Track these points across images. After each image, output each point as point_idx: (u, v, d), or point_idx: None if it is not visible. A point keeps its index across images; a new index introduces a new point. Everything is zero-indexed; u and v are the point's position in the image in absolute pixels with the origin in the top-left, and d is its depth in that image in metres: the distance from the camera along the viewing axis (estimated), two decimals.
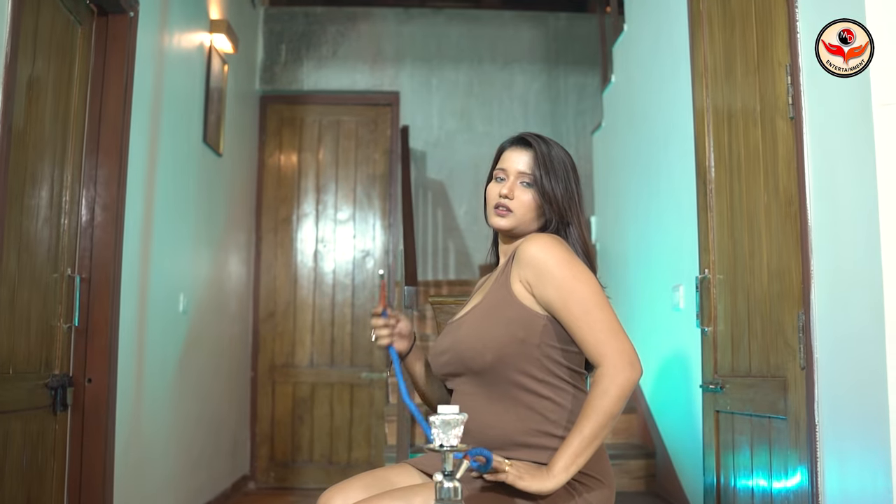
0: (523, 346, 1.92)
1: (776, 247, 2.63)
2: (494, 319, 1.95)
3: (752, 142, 2.81)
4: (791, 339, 2.50)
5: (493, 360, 1.92)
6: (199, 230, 4.72)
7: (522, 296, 1.95)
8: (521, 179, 2.05)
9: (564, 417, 1.95)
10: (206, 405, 4.85)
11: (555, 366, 1.95)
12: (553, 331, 1.94)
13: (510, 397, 1.95)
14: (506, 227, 2.06)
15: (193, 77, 4.56)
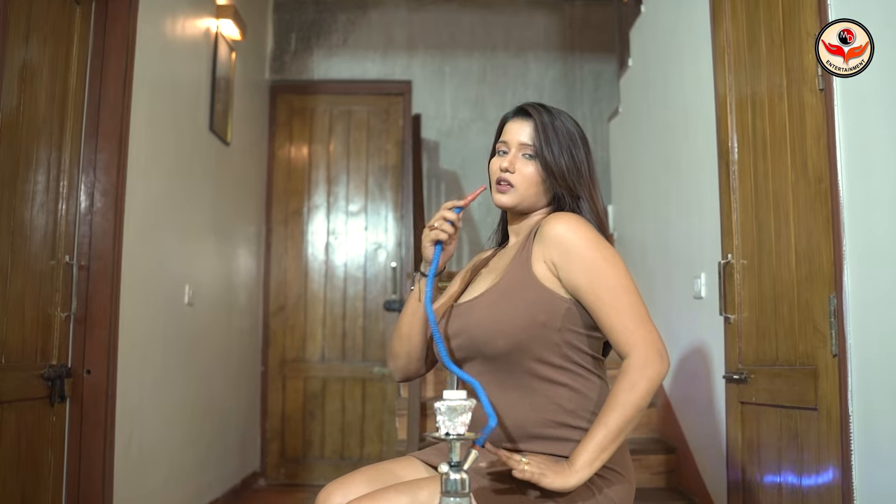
0: (543, 330, 1.79)
1: (805, 227, 2.48)
2: (513, 301, 1.81)
3: (778, 118, 2.67)
4: (822, 325, 2.36)
5: (510, 346, 1.79)
6: (207, 220, 4.61)
7: (545, 277, 1.82)
8: (523, 151, 1.93)
9: (583, 407, 1.82)
10: (213, 399, 4.75)
11: (574, 352, 1.83)
12: (576, 315, 1.82)
13: (525, 385, 1.82)
14: (508, 204, 1.94)
15: (199, 63, 4.45)
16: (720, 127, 3.09)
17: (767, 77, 2.75)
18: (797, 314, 2.53)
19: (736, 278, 2.95)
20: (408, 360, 2.03)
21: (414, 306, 1.98)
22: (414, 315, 1.98)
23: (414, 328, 1.99)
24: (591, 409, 1.83)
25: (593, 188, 1.95)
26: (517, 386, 1.82)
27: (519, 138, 1.93)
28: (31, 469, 2.88)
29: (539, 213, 1.98)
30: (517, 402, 1.82)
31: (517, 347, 1.79)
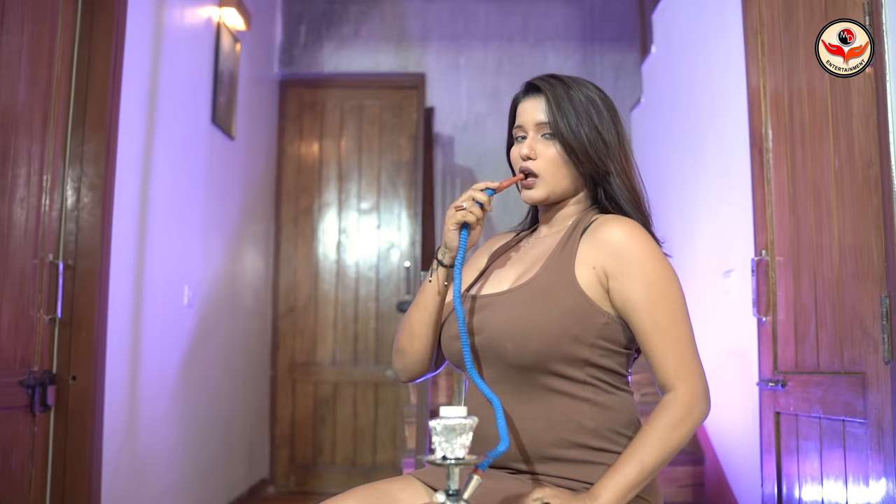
0: (573, 345, 1.56)
1: (850, 219, 2.23)
2: (546, 306, 1.58)
3: (819, 99, 2.42)
4: (872, 328, 2.11)
5: (534, 356, 1.56)
6: (209, 217, 4.40)
7: (588, 284, 1.59)
8: (542, 132, 1.70)
9: (606, 425, 1.59)
10: (217, 405, 4.54)
11: (601, 369, 1.60)
12: (613, 332, 1.59)
13: (541, 399, 1.60)
14: (539, 198, 1.71)
15: (200, 52, 4.25)
16: (752, 112, 2.84)
17: (806, 53, 2.50)
18: (842, 316, 2.28)
19: (771, 276, 2.71)
20: (416, 359, 1.78)
21: (429, 300, 1.73)
22: (426, 310, 1.73)
23: (427, 325, 1.74)
24: (615, 428, 1.60)
25: (626, 162, 1.71)
26: (533, 399, 1.60)
27: (535, 118, 1.70)
28: (10, 485, 2.68)
29: (575, 203, 1.74)
30: (532, 418, 1.60)
31: (541, 358, 1.57)
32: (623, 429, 1.61)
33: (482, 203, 1.64)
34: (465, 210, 1.64)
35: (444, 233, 1.68)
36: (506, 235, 1.92)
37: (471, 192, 1.66)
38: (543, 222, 1.80)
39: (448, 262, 1.69)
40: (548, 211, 1.77)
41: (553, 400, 1.58)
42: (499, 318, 1.61)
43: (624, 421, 1.61)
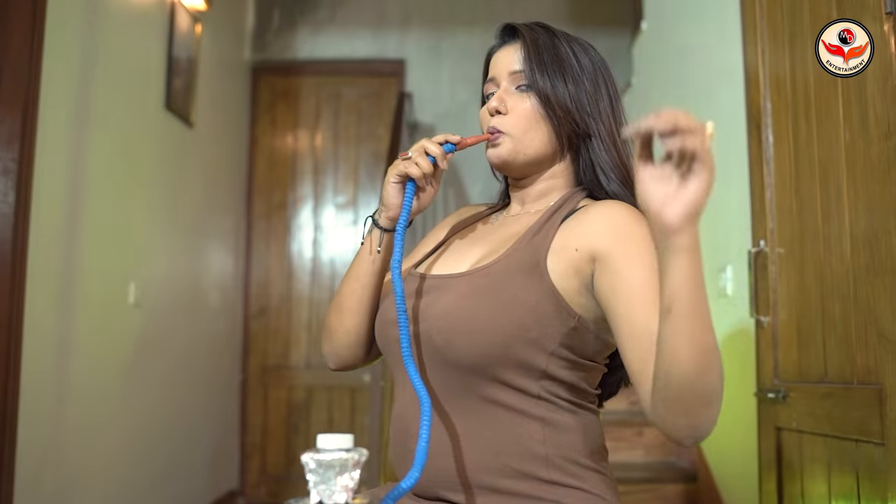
0: (529, 350, 1.22)
1: (865, 202, 1.88)
2: (503, 298, 1.23)
3: None
4: (891, 331, 1.75)
5: (477, 359, 1.22)
6: (162, 210, 4.05)
7: (563, 275, 1.24)
8: (517, 83, 1.37)
9: (562, 452, 1.25)
10: (172, 412, 4.19)
11: (560, 384, 1.26)
12: (580, 340, 1.25)
13: (484, 414, 1.25)
14: (505, 157, 1.36)
15: (149, 32, 3.90)
16: (749, 82, 2.49)
17: (810, 10, 2.14)
18: (854, 317, 1.92)
19: (770, 271, 2.35)
20: (345, 342, 1.43)
21: (360, 269, 1.39)
22: (358, 280, 1.39)
23: (359, 298, 1.40)
24: (572, 456, 1.26)
25: (613, 125, 1.36)
26: (473, 412, 1.25)
27: (509, 67, 1.38)
28: None
29: (551, 177, 1.40)
30: (471, 436, 1.25)
31: (487, 362, 1.22)
32: (583, 458, 1.27)
33: (435, 157, 1.31)
34: (410, 161, 1.31)
35: (383, 186, 1.35)
36: (476, 207, 1.57)
37: (423, 142, 1.33)
38: (516, 198, 1.45)
39: (384, 224, 1.36)
40: (518, 186, 1.43)
41: (498, 416, 1.24)
42: (443, 305, 1.26)
43: (584, 448, 1.27)
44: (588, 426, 1.29)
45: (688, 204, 0.95)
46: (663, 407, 1.06)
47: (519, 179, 1.42)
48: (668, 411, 1.06)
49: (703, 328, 1.00)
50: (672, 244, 0.97)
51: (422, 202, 1.35)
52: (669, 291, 1.00)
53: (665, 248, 0.99)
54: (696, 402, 1.04)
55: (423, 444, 1.10)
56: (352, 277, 1.40)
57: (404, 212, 1.31)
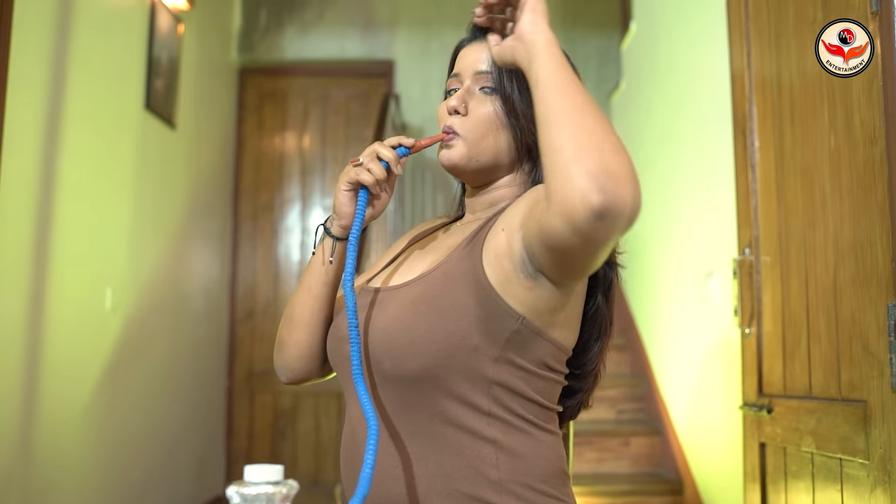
0: (473, 357, 1.14)
1: (849, 210, 1.80)
2: (440, 305, 1.15)
3: (810, 64, 1.99)
4: (876, 346, 1.68)
5: (420, 370, 1.14)
6: (142, 213, 3.97)
7: (498, 267, 1.15)
8: (481, 84, 1.28)
9: (514, 476, 1.16)
10: (154, 419, 4.11)
11: (512, 396, 1.17)
12: (527, 343, 1.16)
13: (437, 433, 1.16)
14: (457, 161, 1.27)
15: (127, 30, 3.82)
16: (735, 85, 2.41)
17: (795, 12, 2.07)
18: (839, 330, 1.85)
19: (755, 280, 2.27)
20: (296, 355, 1.34)
21: (312, 279, 1.31)
22: (309, 290, 1.31)
23: (310, 310, 1.31)
24: (529, 482, 1.17)
25: None
26: (425, 431, 1.17)
27: (476, 66, 1.29)
28: None
29: (508, 185, 1.32)
30: (420, 459, 1.17)
31: (428, 375, 1.14)
32: (539, 483, 1.18)
33: (388, 162, 1.23)
34: (361, 167, 1.23)
35: (335, 194, 1.27)
36: (438, 219, 1.49)
37: (374, 146, 1.25)
38: (468, 206, 1.37)
39: (337, 233, 1.28)
40: (471, 193, 1.35)
41: (448, 437, 1.16)
42: (383, 318, 1.19)
43: (541, 472, 1.19)
44: (545, 448, 1.21)
45: (528, 5, 1.10)
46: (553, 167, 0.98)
47: (473, 187, 1.34)
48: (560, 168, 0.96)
49: (574, 89, 1.03)
50: (535, 49, 1.07)
51: (376, 209, 1.28)
52: (535, 72, 1.05)
53: (531, 61, 1.07)
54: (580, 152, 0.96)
55: (368, 471, 1.03)
56: (303, 288, 1.32)
57: (357, 221, 1.23)
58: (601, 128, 0.98)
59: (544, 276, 1.12)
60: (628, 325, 4.10)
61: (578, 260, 1.02)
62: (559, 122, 0.99)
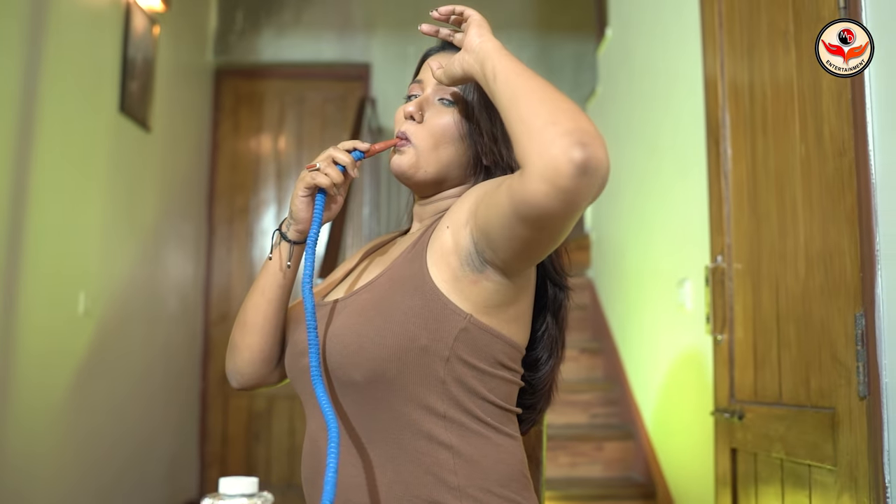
0: (424, 357, 1.15)
1: (819, 219, 1.83)
2: (387, 308, 1.17)
3: (783, 74, 2.01)
4: (844, 354, 1.70)
5: (371, 375, 1.15)
6: (116, 216, 3.95)
7: (442, 274, 1.17)
8: (440, 95, 1.30)
9: (474, 481, 1.18)
10: (126, 422, 4.08)
11: (467, 396, 1.19)
12: (475, 340, 1.17)
13: (392, 440, 1.18)
14: (406, 168, 1.29)
15: (101, 31, 3.80)
16: (709, 93, 2.44)
17: (768, 22, 2.09)
18: (808, 338, 1.87)
19: (728, 287, 2.30)
20: (248, 359, 1.34)
21: (267, 283, 1.31)
22: (263, 294, 1.31)
23: (264, 314, 1.31)
24: (488, 487, 1.18)
25: None
26: (384, 438, 1.18)
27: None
28: None
29: (451, 196, 1.34)
30: (381, 465, 1.18)
31: (382, 379, 1.15)
32: (498, 487, 1.19)
33: (344, 166, 1.24)
34: (319, 172, 1.23)
35: (292, 199, 1.27)
36: (386, 236, 1.50)
37: (330, 151, 1.26)
38: (415, 216, 1.39)
39: (293, 237, 1.28)
40: (419, 202, 1.37)
41: (405, 442, 1.17)
42: (333, 327, 1.20)
43: (501, 476, 1.20)
44: (503, 452, 1.22)
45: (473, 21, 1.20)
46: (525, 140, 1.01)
47: (420, 196, 1.36)
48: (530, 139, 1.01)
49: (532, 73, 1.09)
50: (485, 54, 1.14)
51: (331, 212, 1.29)
52: (491, 68, 1.12)
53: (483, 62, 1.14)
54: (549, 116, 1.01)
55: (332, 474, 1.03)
56: (257, 292, 1.32)
57: (315, 224, 1.24)
58: (565, 98, 1.04)
59: (492, 267, 1.15)
60: (602, 329, 4.13)
61: (555, 227, 1.04)
62: (527, 96, 1.04)
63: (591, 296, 4.35)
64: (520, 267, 1.16)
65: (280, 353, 1.35)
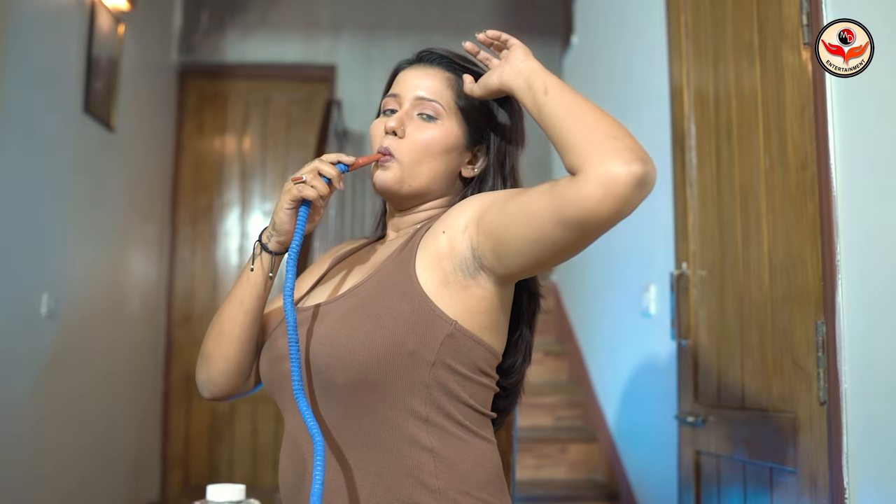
0: (410, 362, 1.18)
1: (783, 229, 1.89)
2: (375, 313, 1.20)
3: (748, 87, 2.07)
4: (805, 360, 1.76)
5: (358, 378, 1.18)
6: (80, 217, 3.91)
7: (432, 279, 1.21)
8: (420, 110, 1.33)
9: (453, 484, 1.21)
10: (89, 425, 4.05)
11: (449, 400, 1.22)
12: (458, 347, 1.21)
13: (375, 443, 1.20)
14: (390, 183, 1.32)
15: (66, 32, 3.76)
16: (674, 102, 2.49)
17: (733, 35, 2.15)
18: (771, 344, 1.93)
19: (692, 294, 2.35)
20: (223, 370, 1.33)
21: (245, 294, 1.31)
22: (241, 305, 1.31)
23: (241, 325, 1.31)
24: (467, 489, 1.21)
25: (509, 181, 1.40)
26: (363, 443, 1.21)
27: (416, 92, 1.34)
28: None
29: (432, 208, 1.38)
30: (363, 468, 1.21)
31: (368, 382, 1.18)
32: (476, 490, 1.23)
33: (330, 179, 1.25)
34: (305, 184, 1.24)
35: (276, 211, 1.28)
36: (353, 242, 1.53)
37: (315, 164, 1.26)
38: (391, 225, 1.42)
39: (275, 248, 1.30)
40: (395, 214, 1.40)
41: (388, 445, 1.20)
42: (320, 330, 1.22)
43: (478, 479, 1.23)
44: (481, 456, 1.25)
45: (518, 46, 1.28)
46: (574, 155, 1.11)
47: (398, 210, 1.39)
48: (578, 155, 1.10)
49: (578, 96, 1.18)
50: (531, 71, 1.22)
51: (312, 224, 1.30)
52: (542, 83, 1.20)
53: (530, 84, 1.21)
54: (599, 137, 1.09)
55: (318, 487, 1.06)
56: (234, 302, 1.32)
57: (297, 236, 1.26)
58: (617, 121, 1.13)
59: (487, 273, 1.20)
60: (566, 332, 4.18)
61: (592, 232, 1.11)
62: (585, 111, 1.14)
63: (556, 300, 4.41)
64: (520, 274, 1.22)
65: (255, 362, 1.37)
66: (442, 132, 1.32)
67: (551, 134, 1.16)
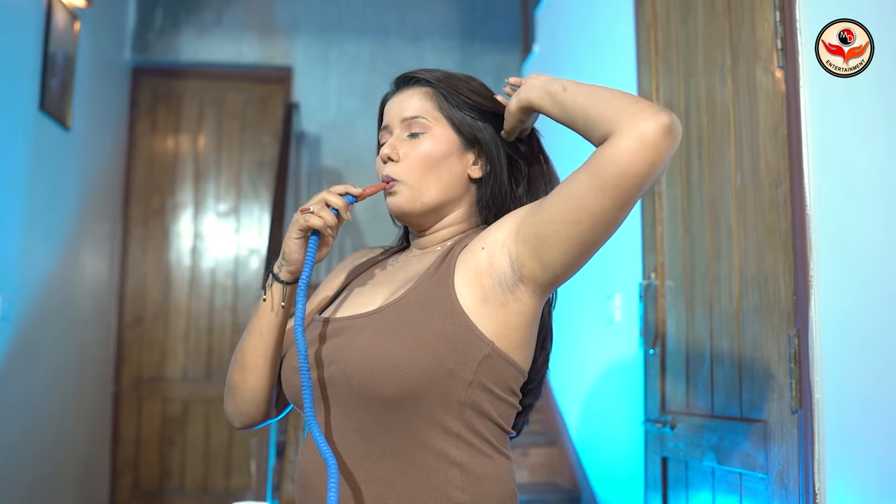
0: (449, 380, 1.21)
1: (754, 245, 1.95)
2: (419, 330, 1.22)
3: (720, 105, 2.13)
4: (777, 371, 1.83)
5: (402, 393, 1.20)
6: (35, 217, 3.84)
7: (471, 296, 1.24)
8: (409, 130, 1.37)
9: (477, 499, 1.24)
10: (39, 430, 3.98)
11: (479, 419, 1.25)
12: (494, 367, 1.24)
13: (404, 456, 1.23)
14: (405, 205, 1.36)
15: (22, 27, 3.70)
16: None
17: (705, 55, 2.22)
18: (743, 355, 2.00)
19: (659, 303, 2.41)
20: (251, 399, 1.38)
21: (263, 324, 1.35)
22: (261, 336, 1.35)
23: (263, 355, 1.36)
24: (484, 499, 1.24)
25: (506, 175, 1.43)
26: (394, 453, 1.23)
27: (401, 114, 1.37)
28: None
29: (457, 223, 1.41)
30: (386, 482, 1.23)
31: (409, 397, 1.21)
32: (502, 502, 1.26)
33: (338, 210, 1.28)
34: (314, 215, 1.27)
35: (285, 241, 1.31)
36: (371, 251, 1.55)
37: (324, 195, 1.29)
38: (415, 244, 1.45)
39: (286, 278, 1.33)
40: (419, 235, 1.43)
41: (417, 458, 1.23)
42: (359, 343, 1.25)
43: (500, 495, 1.26)
44: (503, 472, 1.28)
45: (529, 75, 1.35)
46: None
47: (420, 230, 1.42)
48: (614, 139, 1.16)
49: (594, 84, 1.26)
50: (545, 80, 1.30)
51: (321, 253, 1.33)
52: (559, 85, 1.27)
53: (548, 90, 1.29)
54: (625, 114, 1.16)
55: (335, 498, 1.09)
56: (254, 334, 1.36)
57: (307, 266, 1.29)
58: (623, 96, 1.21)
59: (526, 283, 1.23)
60: None
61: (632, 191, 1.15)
62: (605, 90, 1.22)
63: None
64: (561, 273, 1.23)
65: (279, 391, 1.40)
66: (434, 141, 1.35)
67: (578, 121, 1.23)
